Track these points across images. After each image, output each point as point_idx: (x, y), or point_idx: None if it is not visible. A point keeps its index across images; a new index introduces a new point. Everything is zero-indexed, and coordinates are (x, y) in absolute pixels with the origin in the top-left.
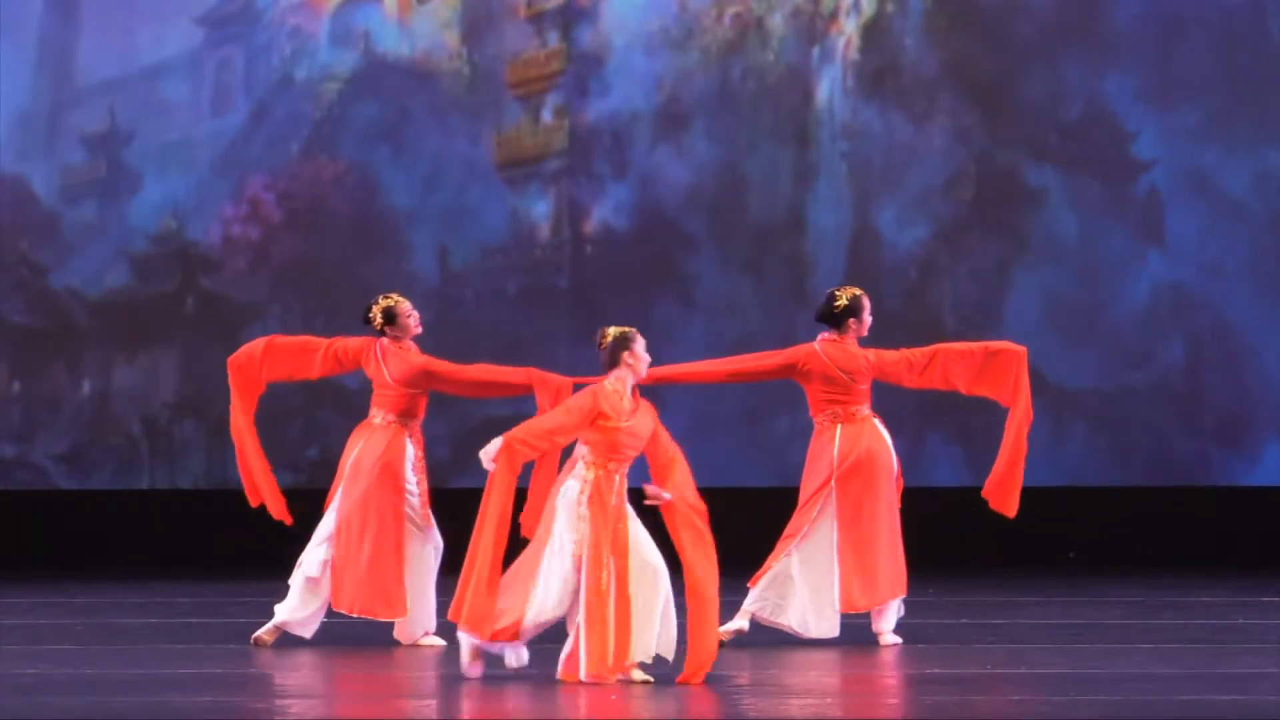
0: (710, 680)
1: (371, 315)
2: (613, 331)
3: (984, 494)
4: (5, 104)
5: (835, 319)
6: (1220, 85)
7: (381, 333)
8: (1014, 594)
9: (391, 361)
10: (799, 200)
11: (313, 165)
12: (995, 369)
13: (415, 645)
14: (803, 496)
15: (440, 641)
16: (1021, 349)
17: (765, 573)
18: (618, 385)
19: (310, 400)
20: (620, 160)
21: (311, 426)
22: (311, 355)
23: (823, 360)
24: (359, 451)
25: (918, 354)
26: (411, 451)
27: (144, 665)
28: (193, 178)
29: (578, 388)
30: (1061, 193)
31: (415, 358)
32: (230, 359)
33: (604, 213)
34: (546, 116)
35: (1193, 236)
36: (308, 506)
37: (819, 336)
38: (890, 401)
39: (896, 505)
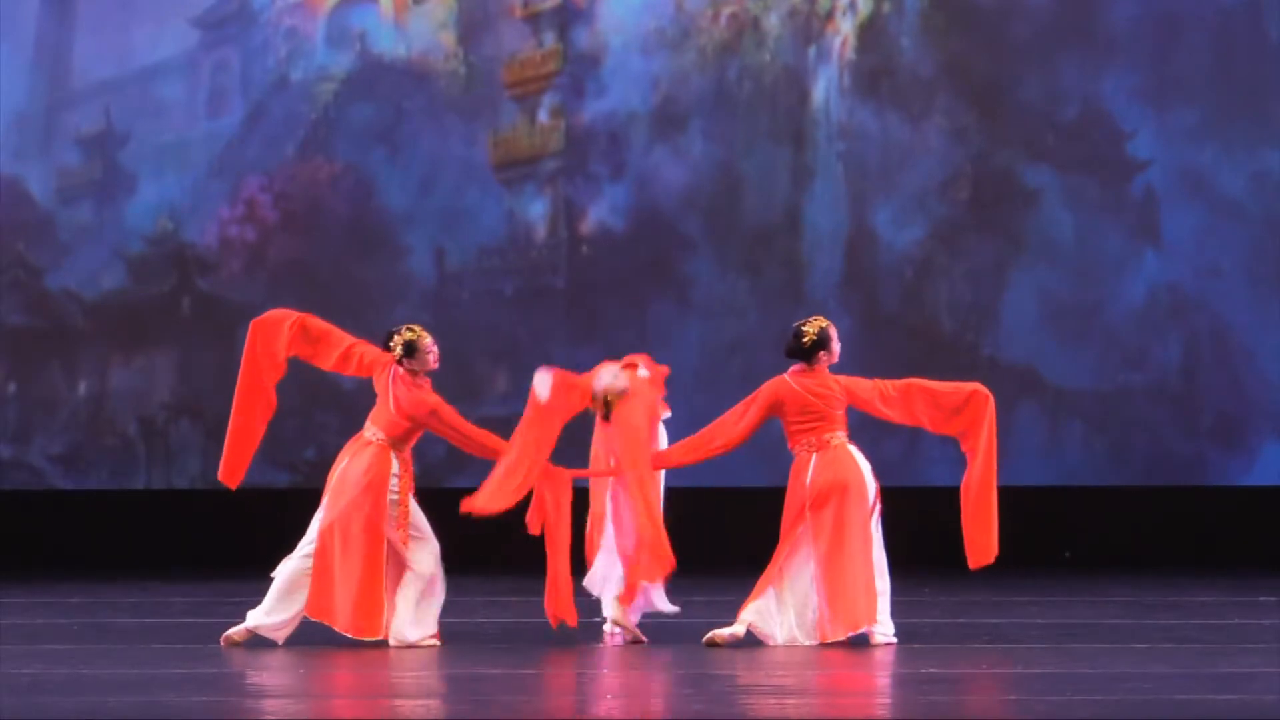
0: (708, 680)
1: (392, 345)
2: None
3: (971, 564)
4: (1, 105)
5: (805, 354)
6: (1217, 85)
7: (399, 361)
8: (1010, 594)
9: (402, 391)
10: (795, 201)
11: (309, 166)
12: (964, 413)
13: (412, 645)
14: (782, 528)
15: (435, 641)
16: (988, 394)
17: (752, 601)
18: None
19: (307, 401)
20: (617, 161)
21: (308, 427)
22: (332, 347)
23: (795, 390)
24: (344, 467)
25: (889, 386)
26: (396, 467)
27: (139, 665)
28: (189, 179)
29: (577, 482)
30: (1058, 193)
31: (427, 397)
32: (256, 320)
33: (600, 213)
34: (543, 117)
35: (1189, 236)
36: (304, 507)
37: (790, 368)
38: None
39: (868, 530)
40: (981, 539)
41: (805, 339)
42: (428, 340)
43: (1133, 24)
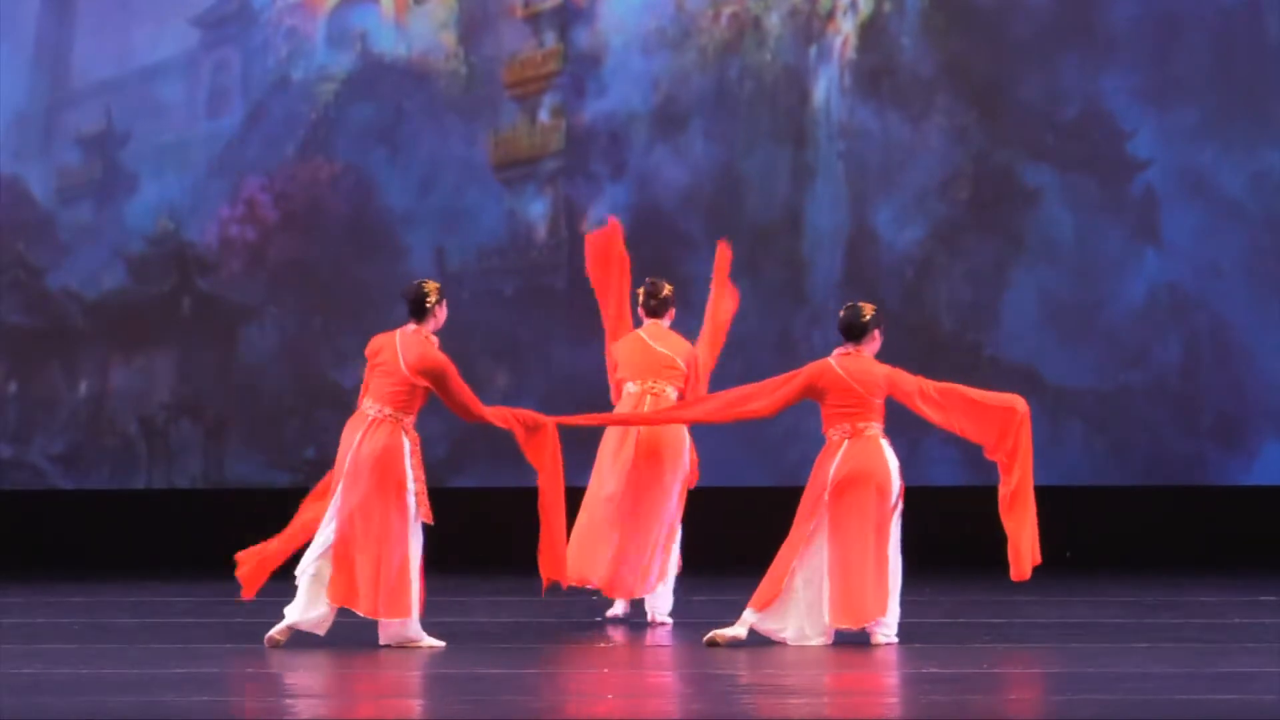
0: (710, 680)
1: (428, 291)
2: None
3: (1013, 576)
4: (2, 105)
5: (863, 330)
6: (1217, 85)
7: (421, 317)
8: (1011, 593)
9: (411, 348)
10: (796, 200)
11: (309, 166)
12: (998, 426)
13: (410, 646)
14: (799, 513)
15: (439, 642)
16: (1025, 411)
17: (775, 598)
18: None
19: (308, 400)
20: (617, 160)
21: (309, 427)
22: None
23: (838, 374)
24: (356, 451)
25: (931, 386)
26: (408, 447)
27: (140, 665)
28: (189, 179)
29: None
30: (1058, 192)
31: (439, 354)
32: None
33: (601, 213)
34: (543, 117)
35: (1189, 236)
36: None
37: (834, 351)
38: (887, 400)
39: (887, 526)
40: (1022, 552)
41: (865, 317)
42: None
43: (1133, 24)
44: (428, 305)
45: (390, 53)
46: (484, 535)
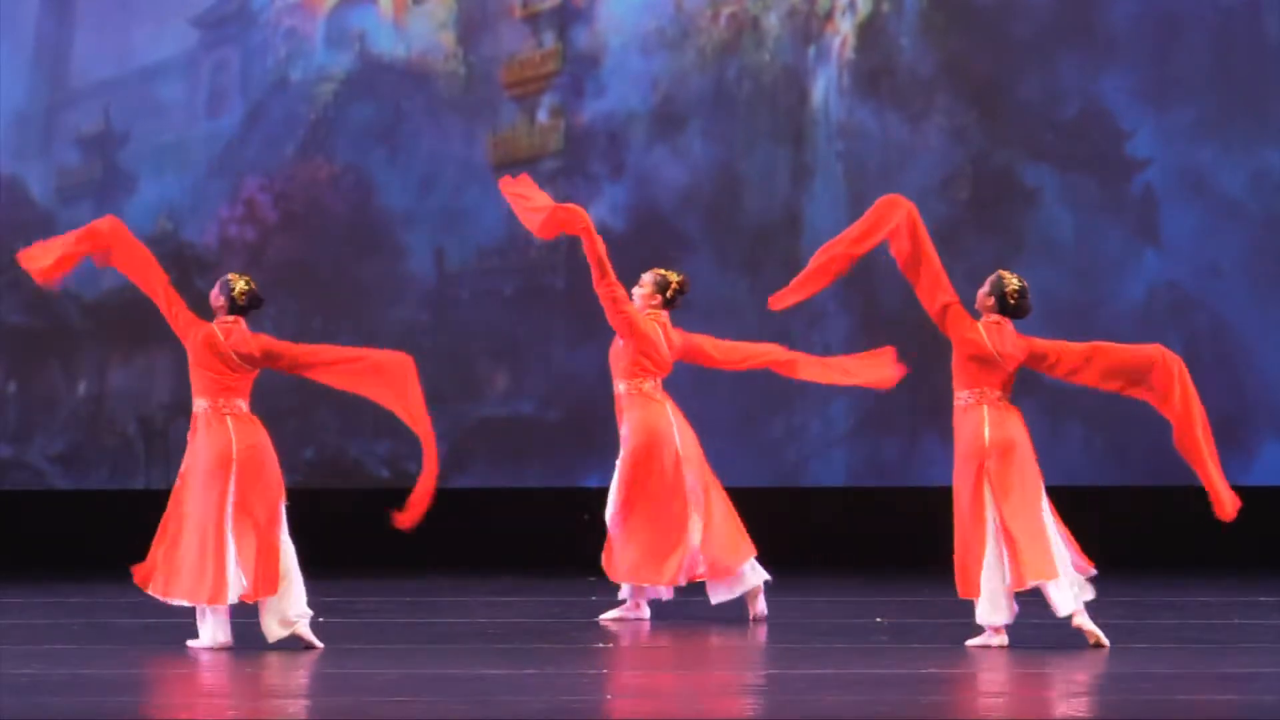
0: (710, 679)
1: (236, 294)
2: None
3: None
4: (2, 105)
5: (1018, 309)
6: (1216, 84)
7: (242, 310)
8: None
9: (236, 339)
10: (795, 200)
11: (308, 166)
12: (1154, 380)
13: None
14: (959, 485)
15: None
16: (1176, 362)
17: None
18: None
19: (308, 400)
20: (616, 161)
21: (309, 427)
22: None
23: (982, 339)
24: (239, 449)
25: (1072, 348)
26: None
27: (139, 665)
28: (188, 179)
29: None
30: (1057, 192)
31: (255, 335)
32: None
33: (600, 213)
34: (542, 117)
35: (1189, 236)
36: (303, 507)
37: (983, 317)
38: (886, 401)
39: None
40: (1215, 494)
41: (1027, 298)
42: None
43: (1133, 23)
44: (240, 303)
45: (389, 53)
46: (484, 535)
